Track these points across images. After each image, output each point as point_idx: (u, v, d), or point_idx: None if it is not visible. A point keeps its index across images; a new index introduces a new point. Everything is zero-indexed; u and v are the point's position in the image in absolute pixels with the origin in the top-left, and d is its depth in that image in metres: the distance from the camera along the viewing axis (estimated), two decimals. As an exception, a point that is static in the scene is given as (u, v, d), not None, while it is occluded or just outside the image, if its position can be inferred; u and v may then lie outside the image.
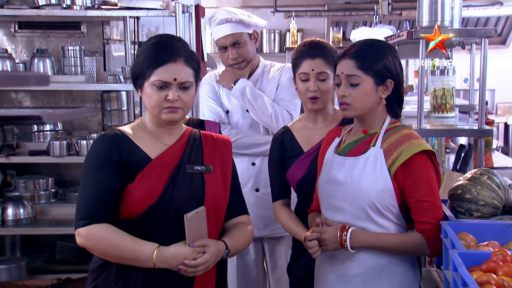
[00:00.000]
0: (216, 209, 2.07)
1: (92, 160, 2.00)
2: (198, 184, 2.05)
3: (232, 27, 3.03)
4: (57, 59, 4.31)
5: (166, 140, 2.08)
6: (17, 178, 4.17)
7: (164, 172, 2.01)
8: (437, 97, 3.38)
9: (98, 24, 4.49)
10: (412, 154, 2.08)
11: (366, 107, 2.17)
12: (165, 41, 2.04)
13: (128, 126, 2.10)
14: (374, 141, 2.16)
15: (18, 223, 3.84)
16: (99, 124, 4.46)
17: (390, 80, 2.16)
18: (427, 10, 2.99)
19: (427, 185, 2.09)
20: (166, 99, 1.99)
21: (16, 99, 4.47)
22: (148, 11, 3.81)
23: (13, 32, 4.45)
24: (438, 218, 2.08)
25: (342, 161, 2.19)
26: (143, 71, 2.01)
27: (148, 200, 1.96)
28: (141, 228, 1.97)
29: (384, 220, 2.13)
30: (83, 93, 4.47)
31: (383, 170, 2.11)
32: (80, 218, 1.95)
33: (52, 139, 3.92)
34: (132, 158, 1.99)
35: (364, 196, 2.11)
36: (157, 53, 2.00)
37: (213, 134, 2.21)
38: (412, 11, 7.12)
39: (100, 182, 1.95)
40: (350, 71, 2.15)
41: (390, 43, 2.28)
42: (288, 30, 7.75)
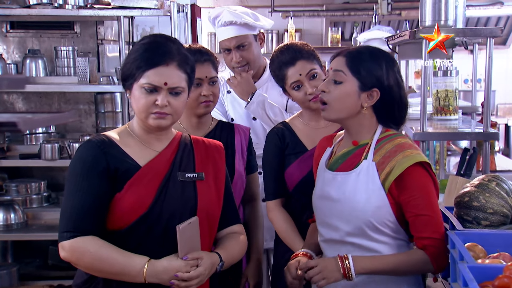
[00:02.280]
0: (209, 219, 1.97)
1: (76, 168, 1.88)
2: (190, 192, 1.94)
3: (236, 29, 2.92)
4: (50, 59, 4.23)
5: (156, 146, 1.96)
6: (9, 182, 4.07)
7: (154, 180, 1.90)
8: (440, 99, 3.28)
9: (92, 24, 4.40)
10: (405, 168, 1.97)
11: (343, 110, 2.03)
12: (158, 41, 1.92)
13: (115, 132, 1.98)
14: (366, 154, 2.04)
15: (8, 228, 3.75)
16: (93, 126, 4.37)
17: (376, 90, 2.03)
18: (430, 9, 2.89)
19: (424, 198, 1.97)
20: (154, 103, 1.87)
21: (8, 100, 4.39)
22: (142, 11, 3.73)
23: (4, 32, 4.37)
24: (439, 232, 1.97)
25: (333, 177, 2.07)
26: (132, 71, 1.89)
27: (137, 210, 1.85)
28: (130, 240, 1.86)
29: (381, 236, 2.02)
30: (76, 95, 4.38)
31: (376, 186, 1.98)
32: (64, 231, 1.83)
33: (43, 142, 3.82)
34: (120, 165, 1.88)
35: (360, 214, 1.99)
36: (148, 54, 1.88)
37: (204, 139, 2.09)
38: (411, 11, 7.04)
39: (85, 191, 1.83)
40: (338, 66, 2.04)
41: (388, 52, 2.17)
42: (286, 31, 7.66)
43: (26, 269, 4.06)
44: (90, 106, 4.41)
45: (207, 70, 2.46)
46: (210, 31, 7.45)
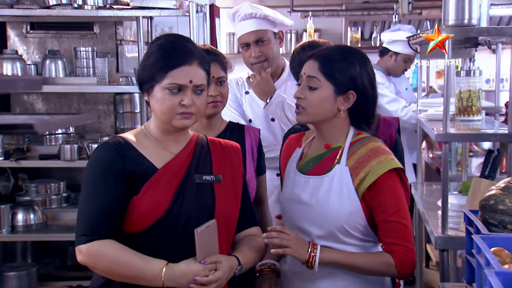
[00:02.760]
0: (227, 222, 1.93)
1: (93, 170, 1.85)
2: (207, 195, 1.91)
3: (256, 23, 2.88)
4: (69, 60, 4.24)
5: (172, 148, 1.93)
6: (29, 182, 4.09)
7: (171, 183, 1.87)
8: (463, 99, 3.22)
9: (111, 25, 4.41)
10: (381, 174, 1.95)
11: (320, 115, 2.02)
12: (176, 41, 1.90)
13: (131, 133, 1.95)
14: (339, 158, 2.02)
15: (28, 229, 3.76)
16: (112, 126, 4.38)
17: (352, 92, 2.01)
18: (453, 8, 2.83)
19: (394, 205, 1.97)
20: (180, 104, 1.84)
21: (28, 101, 4.41)
22: (161, 11, 3.71)
23: (25, 33, 4.38)
24: (406, 238, 1.97)
25: (305, 180, 2.04)
26: (153, 74, 1.86)
27: (155, 213, 1.83)
28: (147, 244, 1.84)
29: (351, 239, 2.01)
30: (95, 95, 4.39)
31: (350, 192, 1.97)
32: (81, 234, 1.81)
33: (63, 142, 3.83)
34: (137, 168, 1.85)
35: (332, 220, 1.98)
36: (170, 55, 1.85)
37: (221, 141, 2.06)
38: (432, 10, 6.95)
39: (102, 194, 1.81)
40: (311, 72, 2.01)
41: (363, 54, 2.12)
42: (305, 30, 7.61)
43: (45, 269, 4.07)
44: (109, 107, 4.41)
45: (214, 70, 2.41)
46: (228, 31, 7.43)
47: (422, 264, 4.67)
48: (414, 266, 1.99)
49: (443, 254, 2.88)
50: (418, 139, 4.29)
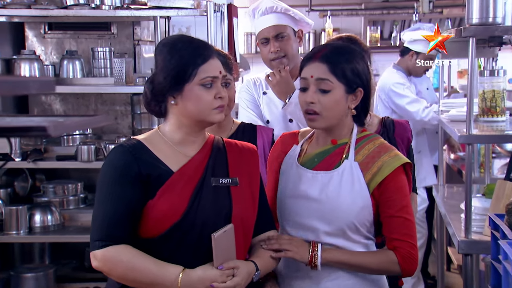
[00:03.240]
0: (244, 226, 1.89)
1: (107, 174, 1.81)
2: (224, 198, 1.86)
3: (277, 18, 2.83)
4: (87, 60, 4.23)
5: (188, 150, 1.89)
6: (46, 183, 4.08)
7: (187, 186, 1.82)
8: (486, 100, 3.15)
9: (129, 25, 4.39)
10: (394, 169, 1.93)
11: (335, 117, 1.99)
12: (193, 39, 1.87)
13: (146, 136, 1.91)
14: (346, 153, 1.99)
15: (45, 230, 3.74)
16: (129, 127, 4.35)
17: (360, 89, 1.99)
18: (477, 6, 2.76)
19: (401, 200, 1.95)
20: (215, 97, 1.83)
21: (46, 102, 4.40)
22: (179, 11, 3.68)
23: (43, 34, 4.38)
24: (410, 234, 1.95)
25: (313, 176, 2.00)
26: (182, 74, 1.81)
27: (171, 218, 1.78)
28: (163, 249, 1.80)
29: (357, 236, 1.98)
30: (113, 96, 4.37)
31: (362, 187, 1.94)
32: (95, 239, 1.77)
33: (80, 143, 3.81)
34: (152, 171, 1.81)
35: (343, 215, 1.94)
36: (197, 51, 1.82)
37: (237, 142, 2.01)
38: (454, 8, 6.85)
39: (117, 198, 1.77)
40: (322, 75, 1.96)
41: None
42: (323, 30, 7.56)
43: (62, 270, 4.06)
44: (126, 107, 4.39)
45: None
46: (246, 31, 7.40)
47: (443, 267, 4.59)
48: (416, 262, 1.96)
49: (466, 258, 2.81)
50: (440, 140, 4.21)
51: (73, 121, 1.19)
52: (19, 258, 4.08)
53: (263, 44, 2.86)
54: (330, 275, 1.98)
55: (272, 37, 2.82)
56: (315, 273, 1.97)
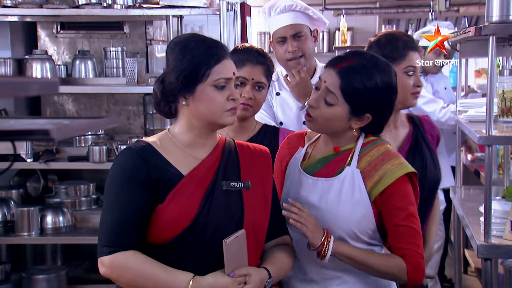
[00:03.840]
0: (256, 231, 1.82)
1: (116, 177, 1.76)
2: (236, 203, 1.80)
3: (295, 16, 2.75)
4: (99, 60, 4.21)
5: (199, 153, 1.83)
6: (58, 184, 4.06)
7: (197, 190, 1.76)
8: (506, 100, 3.06)
9: (141, 24, 4.36)
10: (397, 178, 1.87)
11: (329, 129, 1.94)
12: (205, 39, 1.81)
13: (155, 137, 1.85)
14: (349, 160, 1.92)
15: (57, 232, 3.72)
16: (141, 127, 4.32)
17: (368, 115, 1.91)
18: (497, 4, 2.67)
19: (406, 209, 1.89)
20: (228, 99, 1.77)
21: (58, 102, 4.38)
22: (191, 10, 3.64)
23: (55, 33, 4.36)
24: (416, 244, 1.90)
25: (314, 182, 1.94)
26: (195, 74, 1.75)
27: (181, 223, 1.72)
28: (173, 254, 1.74)
29: (359, 243, 1.92)
30: (125, 96, 4.34)
31: (362, 195, 1.88)
32: (103, 245, 1.71)
33: (92, 144, 3.78)
34: (162, 175, 1.75)
35: (343, 225, 1.89)
36: (209, 51, 1.77)
37: (249, 145, 1.95)
38: (470, 7, 6.75)
39: (125, 203, 1.71)
40: (331, 87, 1.89)
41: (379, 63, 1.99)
42: (337, 29, 7.48)
43: (74, 272, 4.03)
44: (138, 107, 4.36)
45: (256, 73, 2.33)
46: (260, 30, 7.34)
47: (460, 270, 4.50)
48: (423, 272, 1.91)
49: (486, 263, 2.73)
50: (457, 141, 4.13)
51: (78, 124, 1.14)
52: (31, 259, 4.06)
53: (279, 43, 2.78)
54: (336, 280, 1.93)
55: (290, 36, 2.74)
56: (321, 277, 1.92)
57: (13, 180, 4.19)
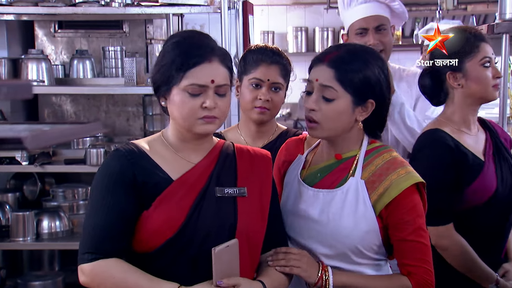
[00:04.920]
0: (250, 241, 1.70)
1: (100, 180, 1.66)
2: (228, 210, 1.68)
3: (379, 7, 2.56)
4: (98, 60, 4.10)
5: (193, 157, 1.72)
6: (56, 187, 3.95)
7: (187, 197, 1.65)
8: (519, 101, 2.94)
9: (141, 23, 4.26)
10: (404, 189, 1.73)
11: (337, 129, 1.79)
12: (194, 36, 1.69)
13: (147, 140, 1.75)
14: (353, 170, 1.79)
15: (53, 237, 3.61)
16: (141, 129, 4.23)
17: (371, 101, 1.78)
18: (511, 1, 2.56)
19: (414, 222, 1.76)
20: (201, 107, 1.63)
21: (56, 102, 4.28)
22: (191, 8, 3.53)
23: (52, 32, 4.26)
24: (425, 259, 1.77)
25: (315, 194, 1.81)
26: (170, 74, 1.64)
27: (166, 232, 1.61)
28: (158, 264, 1.63)
29: (363, 259, 1.79)
30: (124, 97, 4.24)
31: (367, 209, 1.75)
32: (84, 252, 1.61)
33: (89, 146, 3.67)
34: (148, 178, 1.64)
35: (345, 240, 1.76)
36: (188, 52, 1.64)
37: (250, 149, 1.82)
38: (478, 5, 6.62)
39: (110, 207, 1.61)
40: (327, 81, 1.75)
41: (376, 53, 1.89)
42: (342, 28, 7.35)
43: (72, 278, 3.90)
44: (138, 108, 4.25)
45: (272, 73, 2.20)
46: (263, 29, 7.22)
47: None
48: None
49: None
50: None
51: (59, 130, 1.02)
52: (28, 265, 3.95)
53: (358, 35, 2.56)
54: None
55: (372, 28, 2.54)
56: None
57: (9, 183, 4.09)
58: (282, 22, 7.38)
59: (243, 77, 2.28)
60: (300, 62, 7.36)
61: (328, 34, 7.50)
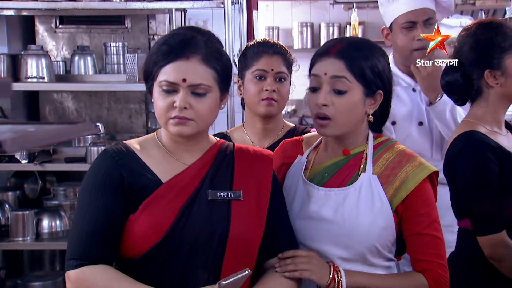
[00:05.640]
0: (245, 248, 1.60)
1: (87, 183, 1.59)
2: (221, 215, 1.58)
3: (427, 0, 2.42)
4: (100, 56, 4.03)
5: (186, 158, 1.63)
6: (57, 185, 3.89)
7: (176, 200, 1.57)
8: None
9: (143, 19, 4.20)
10: (421, 181, 1.67)
11: (350, 124, 1.71)
12: (181, 33, 1.61)
13: (139, 140, 1.68)
14: (363, 165, 1.71)
15: (54, 236, 3.54)
16: (144, 126, 4.16)
17: (380, 92, 1.72)
18: (524, -6, 2.47)
19: (429, 215, 1.69)
20: (173, 106, 1.56)
21: (58, 99, 4.22)
22: (194, 2, 3.45)
23: (53, 28, 4.20)
24: (440, 254, 1.70)
25: (326, 193, 1.72)
26: (150, 69, 1.60)
27: (152, 237, 1.54)
28: (145, 272, 1.56)
29: (379, 260, 1.72)
30: (126, 93, 4.18)
31: (383, 204, 1.68)
32: (70, 258, 1.54)
33: (90, 144, 3.60)
34: (136, 180, 1.57)
35: (363, 239, 1.68)
36: (166, 47, 1.57)
37: (251, 149, 1.73)
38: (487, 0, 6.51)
39: (95, 211, 1.54)
40: (338, 72, 1.67)
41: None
42: (348, 23, 7.26)
43: (72, 278, 3.86)
44: (140, 105, 4.19)
45: (275, 63, 2.13)
46: (268, 25, 7.14)
47: None
48: (448, 286, 1.70)
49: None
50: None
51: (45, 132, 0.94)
52: (28, 265, 3.88)
53: (405, 29, 2.42)
54: None
55: (421, 21, 2.39)
56: None
57: (10, 182, 4.02)
58: (287, 17, 7.29)
59: (245, 73, 2.20)
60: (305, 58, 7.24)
61: (334, 29, 7.41)
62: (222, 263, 1.58)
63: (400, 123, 2.43)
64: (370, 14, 7.46)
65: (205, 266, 1.57)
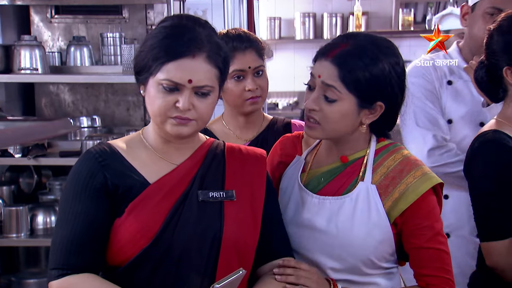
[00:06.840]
0: (239, 252, 1.51)
1: (69, 186, 1.50)
2: (213, 216, 1.50)
3: None
4: (96, 47, 3.93)
5: (175, 158, 1.54)
6: (53, 180, 3.80)
7: (165, 202, 1.48)
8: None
9: (141, 9, 4.09)
10: (423, 193, 1.58)
11: (339, 132, 1.61)
12: (184, 25, 1.49)
13: (124, 139, 1.58)
14: (362, 173, 1.61)
15: (49, 233, 3.44)
16: (142, 119, 4.07)
17: (380, 104, 1.59)
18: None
19: (431, 228, 1.60)
20: (175, 106, 1.46)
21: (54, 91, 4.13)
22: (193, -9, 3.34)
23: (49, 18, 4.10)
24: (445, 269, 1.61)
25: (320, 202, 1.62)
26: (148, 63, 1.47)
27: (140, 241, 1.45)
28: (133, 280, 1.47)
29: (375, 270, 1.64)
30: (124, 85, 4.08)
31: (380, 217, 1.58)
32: (52, 268, 1.45)
33: (86, 138, 3.51)
34: (121, 182, 1.48)
35: (357, 252, 1.59)
36: (169, 42, 1.46)
37: (242, 148, 1.64)
38: (493, -11, 6.40)
39: (77, 216, 1.44)
40: (329, 80, 1.57)
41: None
42: (351, 14, 7.15)
43: (69, 275, 3.78)
44: (138, 98, 4.09)
45: (250, 59, 2.05)
46: (269, 15, 7.02)
47: None
48: None
49: None
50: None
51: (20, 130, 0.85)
52: (24, 261, 3.80)
53: (488, 15, 2.16)
54: None
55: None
56: None
57: (5, 176, 3.93)
58: (289, 7, 7.19)
59: None
60: (307, 49, 7.19)
61: (337, 20, 7.31)
62: (216, 267, 1.49)
63: (457, 122, 2.28)
64: (374, 4, 7.34)
65: (198, 270, 1.48)
